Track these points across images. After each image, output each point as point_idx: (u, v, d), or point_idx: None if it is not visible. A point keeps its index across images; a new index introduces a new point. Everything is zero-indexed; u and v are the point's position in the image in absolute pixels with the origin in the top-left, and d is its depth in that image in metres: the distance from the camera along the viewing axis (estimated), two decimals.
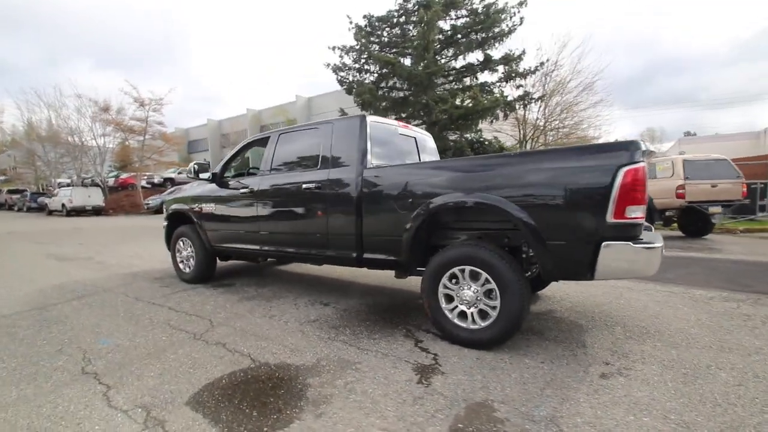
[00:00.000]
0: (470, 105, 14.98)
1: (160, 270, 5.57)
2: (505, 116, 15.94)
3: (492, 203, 2.39)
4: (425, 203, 2.66)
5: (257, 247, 3.87)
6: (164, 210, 4.97)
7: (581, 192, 2.17)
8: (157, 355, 2.58)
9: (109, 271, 5.61)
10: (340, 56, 16.97)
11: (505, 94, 15.70)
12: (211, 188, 4.27)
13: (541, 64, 15.93)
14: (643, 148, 2.10)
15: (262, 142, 4.14)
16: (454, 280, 2.63)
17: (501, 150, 15.59)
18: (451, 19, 16.94)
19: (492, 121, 16.07)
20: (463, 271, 2.57)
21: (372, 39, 16.90)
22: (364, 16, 17.04)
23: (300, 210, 3.43)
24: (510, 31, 15.57)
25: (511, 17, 15.40)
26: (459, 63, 17.26)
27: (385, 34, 17.64)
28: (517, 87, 16.18)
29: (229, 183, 4.17)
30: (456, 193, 2.54)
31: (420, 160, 3.91)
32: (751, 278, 4.50)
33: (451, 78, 17.29)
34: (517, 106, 16.04)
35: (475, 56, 16.95)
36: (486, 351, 2.51)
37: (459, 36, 16.57)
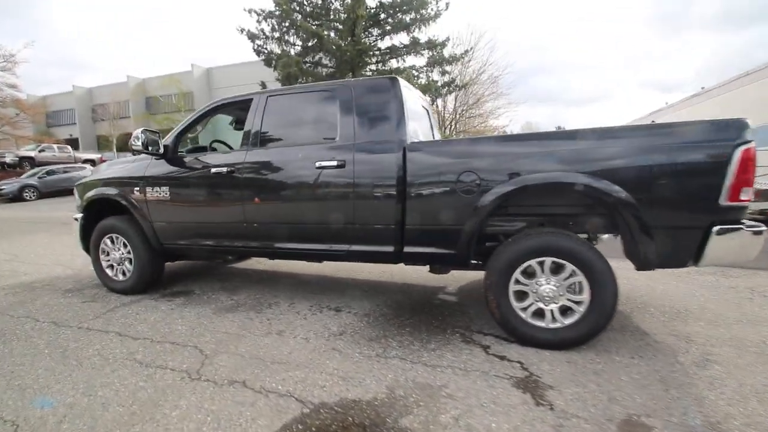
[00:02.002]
0: None
1: (67, 277, 4.15)
2: (433, 102, 16.15)
3: (595, 185, 2.07)
4: (500, 184, 2.23)
5: (240, 244, 3.00)
6: (78, 196, 3.62)
7: (694, 171, 1.98)
8: (150, 416, 1.72)
9: None
10: (258, 21, 15.16)
11: (434, 79, 15.85)
12: (160, 166, 3.19)
13: (466, 51, 16.45)
14: (752, 126, 1.98)
15: (236, 107, 3.22)
16: (527, 275, 2.28)
17: None
18: None
19: None
20: (542, 263, 2.23)
21: (293, 6, 15.41)
22: None
23: (312, 195, 2.69)
24: (436, 15, 15.65)
25: (437, 1, 15.46)
26: (384, 44, 16.89)
27: (305, 2, 16.27)
28: (443, 74, 16.48)
29: (186, 160, 3.16)
30: (552, 172, 2.15)
31: (434, 136, 3.43)
32: None
33: (376, 59, 16.82)
34: (443, 92, 16.36)
35: (399, 39, 16.78)
36: (572, 352, 2.23)
37: (384, 15, 16.13)
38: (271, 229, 2.86)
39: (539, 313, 2.28)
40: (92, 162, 21.52)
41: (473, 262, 2.48)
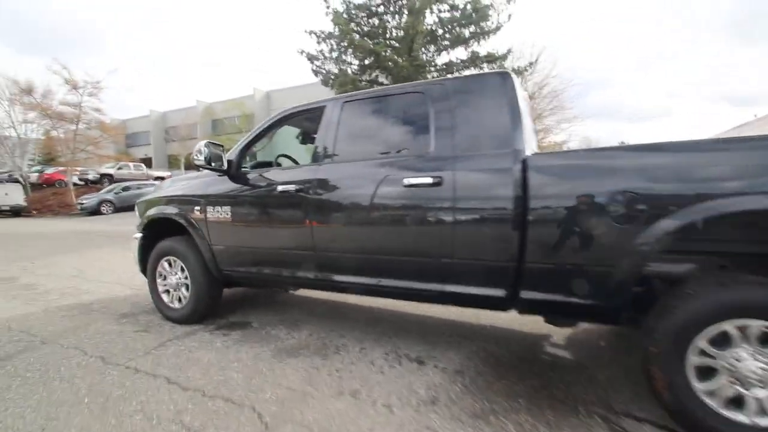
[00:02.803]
0: None
1: (125, 299, 3.96)
2: None
3: None
4: (682, 210, 1.55)
5: (309, 275, 2.53)
6: (138, 214, 3.41)
7: None
8: None
9: (47, 302, 3.91)
10: (318, 42, 15.47)
11: None
12: (222, 183, 2.86)
13: (531, 64, 15.58)
14: None
15: (306, 116, 2.82)
16: (716, 343, 1.55)
17: None
18: (433, 12, 16.13)
19: None
20: (744, 328, 1.50)
21: (351, 26, 15.58)
22: (342, 1, 15.70)
23: (397, 220, 2.17)
24: (497, 28, 15.06)
25: (498, 14, 14.89)
26: (440, 60, 16.52)
27: (363, 23, 16.43)
28: None
29: (250, 176, 2.79)
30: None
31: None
32: None
33: (432, 75, 16.46)
34: None
35: (455, 54, 16.33)
36: None
37: (442, 31, 15.81)
38: (345, 259, 2.37)
39: (738, 402, 1.54)
40: (162, 179, 23.12)
41: (627, 317, 1.80)
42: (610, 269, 1.70)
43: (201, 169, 2.79)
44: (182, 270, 3.08)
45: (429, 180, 2.04)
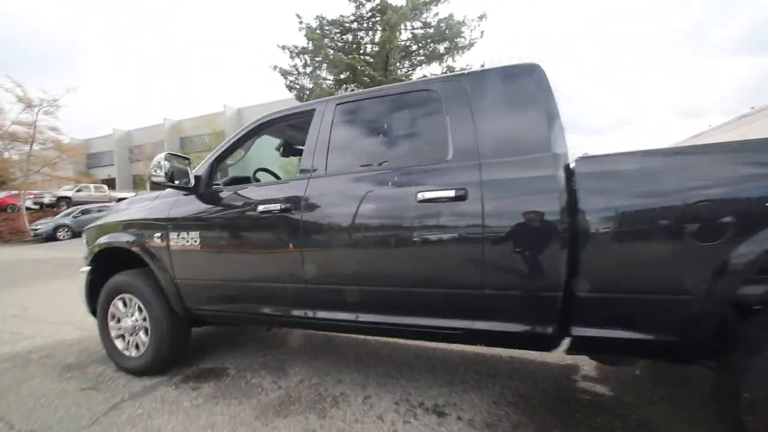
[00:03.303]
0: None
1: (72, 344, 3.34)
2: None
3: None
4: None
5: (299, 313, 2.08)
6: (86, 243, 2.85)
7: None
8: None
9: None
10: (291, 57, 15.15)
11: None
12: (189, 204, 2.38)
13: None
14: None
15: (290, 123, 2.42)
16: None
17: None
18: (407, 29, 16.22)
19: None
20: None
21: (325, 41, 15.39)
22: (315, 17, 15.53)
23: (409, 243, 1.77)
24: (471, 44, 15.24)
25: (471, 30, 15.09)
26: (416, 75, 16.53)
27: (336, 38, 16.29)
28: None
29: (223, 195, 2.33)
30: None
31: None
32: None
33: None
34: None
35: (430, 70, 16.40)
36: None
37: (417, 47, 15.88)
38: (345, 293, 1.93)
39: None
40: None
41: (705, 352, 1.46)
42: (690, 296, 1.35)
43: (161, 187, 2.30)
44: (140, 310, 2.55)
45: (450, 193, 1.66)
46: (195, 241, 2.28)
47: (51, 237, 16.18)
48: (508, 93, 1.76)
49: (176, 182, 2.19)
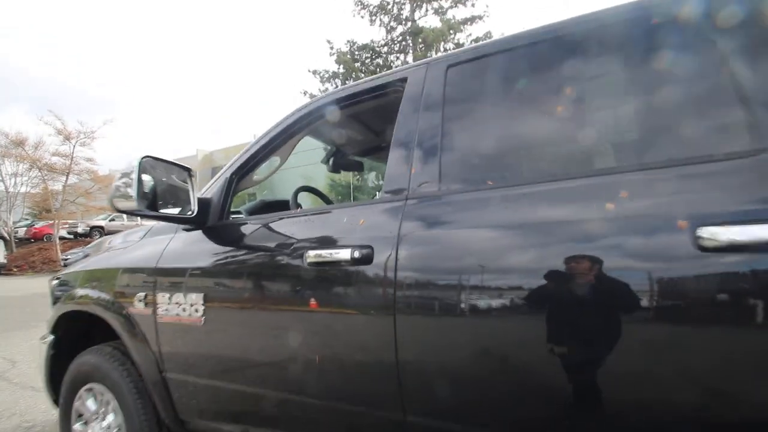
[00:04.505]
0: None
1: (47, 425, 2.42)
2: None
3: None
4: None
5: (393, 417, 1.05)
6: (52, 301, 1.96)
7: None
8: None
9: None
10: (321, 82, 14.89)
11: None
12: (190, 246, 1.45)
13: None
14: None
15: (357, 105, 1.49)
16: None
17: None
18: (439, 51, 15.77)
19: None
20: None
21: (356, 65, 15.07)
22: (346, 42, 15.33)
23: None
24: None
25: None
26: None
27: (368, 63, 16.01)
28: None
29: (246, 231, 1.39)
30: None
31: None
32: None
33: None
34: None
35: None
36: None
37: None
38: (460, 393, 0.90)
39: None
40: None
41: None
42: None
43: (139, 216, 1.39)
44: (114, 411, 1.59)
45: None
46: (197, 311, 1.31)
47: None
48: None
49: (163, 211, 1.26)
